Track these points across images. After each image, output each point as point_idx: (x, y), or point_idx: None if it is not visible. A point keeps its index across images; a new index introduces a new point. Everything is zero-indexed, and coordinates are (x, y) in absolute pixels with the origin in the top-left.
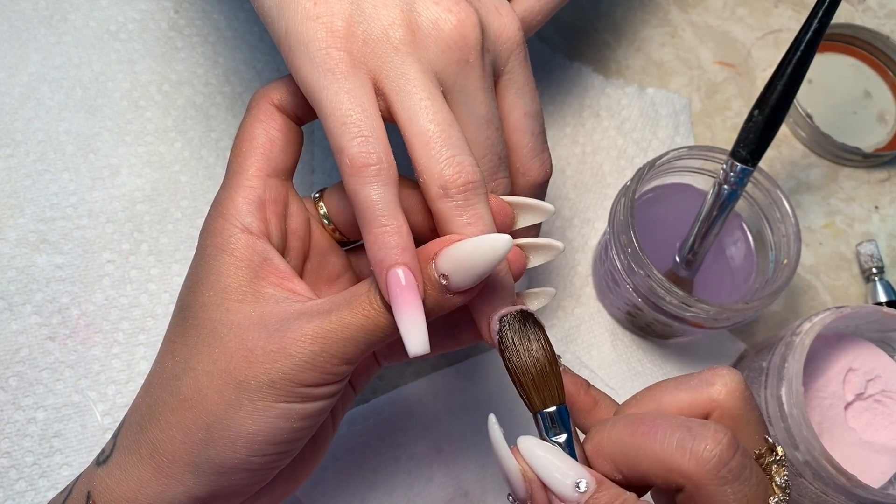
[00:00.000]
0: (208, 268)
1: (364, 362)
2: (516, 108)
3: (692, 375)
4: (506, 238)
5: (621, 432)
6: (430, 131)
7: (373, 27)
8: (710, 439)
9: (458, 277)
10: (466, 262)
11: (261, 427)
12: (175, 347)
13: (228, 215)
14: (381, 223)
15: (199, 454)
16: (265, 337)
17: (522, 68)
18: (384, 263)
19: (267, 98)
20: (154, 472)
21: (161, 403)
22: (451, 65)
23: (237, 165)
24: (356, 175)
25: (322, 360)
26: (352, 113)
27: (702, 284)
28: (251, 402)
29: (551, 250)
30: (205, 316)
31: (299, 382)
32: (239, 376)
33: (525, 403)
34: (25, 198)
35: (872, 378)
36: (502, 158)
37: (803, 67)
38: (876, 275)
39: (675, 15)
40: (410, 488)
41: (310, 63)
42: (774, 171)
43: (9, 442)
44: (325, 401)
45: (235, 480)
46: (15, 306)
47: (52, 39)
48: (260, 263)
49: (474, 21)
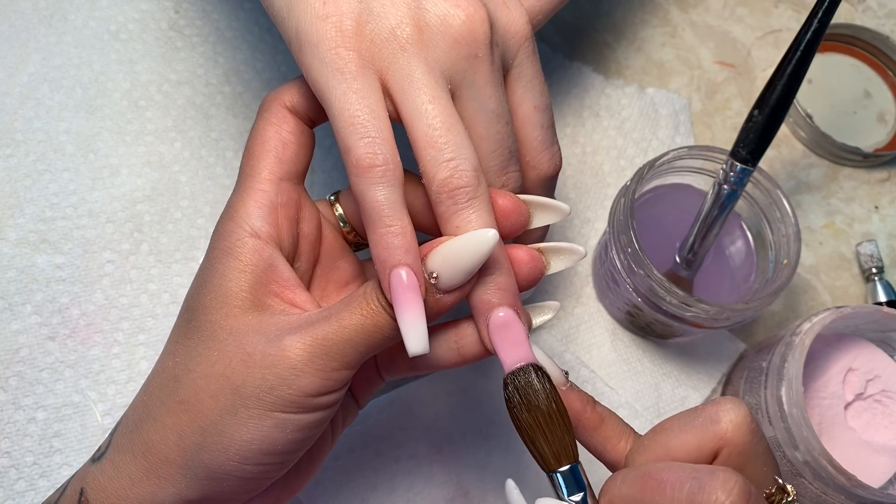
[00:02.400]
0: (213, 270)
1: (366, 375)
2: (525, 102)
3: (696, 412)
4: (491, 232)
5: (631, 490)
6: (430, 134)
7: (381, 26)
8: (720, 490)
9: (447, 275)
10: (453, 259)
11: (255, 435)
12: (177, 349)
13: (238, 218)
14: (385, 224)
15: (192, 458)
16: (264, 342)
17: (531, 62)
18: (388, 263)
19: (279, 100)
20: (146, 471)
21: (158, 404)
22: (461, 60)
23: (249, 168)
24: (362, 175)
25: (321, 363)
26: (359, 113)
27: (702, 284)
28: (246, 409)
29: (573, 255)
30: (206, 319)
31: (297, 389)
32: (236, 381)
33: (538, 462)
34: (25, 198)
35: (872, 378)
36: (513, 152)
37: (803, 67)
38: (876, 275)
39: (675, 15)
40: (410, 488)
41: (319, 63)
42: (774, 171)
43: (9, 442)
44: (322, 412)
45: (227, 486)
46: (15, 306)
47: (52, 39)
48: (265, 270)
49: (483, 16)
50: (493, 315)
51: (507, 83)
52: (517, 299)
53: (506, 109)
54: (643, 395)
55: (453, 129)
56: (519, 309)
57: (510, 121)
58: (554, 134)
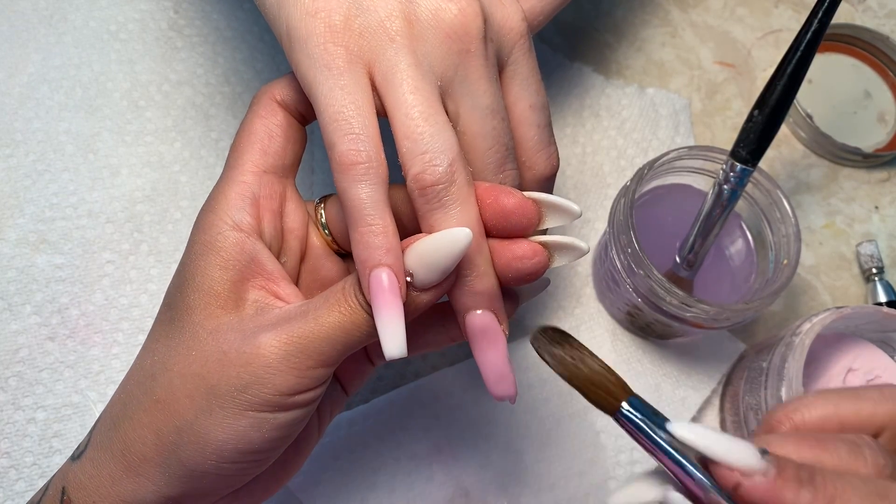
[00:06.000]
0: (194, 266)
1: (357, 362)
2: (521, 100)
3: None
4: (465, 231)
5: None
6: (407, 124)
7: (370, 19)
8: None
9: (422, 274)
10: (428, 258)
11: (230, 436)
12: (156, 346)
13: (219, 210)
14: (367, 222)
15: (170, 456)
16: (240, 339)
17: (527, 59)
18: (368, 263)
19: (269, 94)
20: (125, 469)
21: (135, 402)
22: (452, 55)
23: (233, 160)
24: (345, 172)
25: (297, 361)
26: (345, 109)
27: (702, 284)
28: (221, 409)
29: (575, 251)
30: (188, 318)
31: (272, 387)
32: (211, 381)
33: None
34: (25, 198)
35: (872, 378)
36: (510, 149)
37: (803, 67)
38: (876, 275)
39: (676, 15)
40: (410, 488)
41: (308, 59)
42: (774, 171)
43: (9, 442)
44: (299, 410)
45: (207, 483)
46: (15, 306)
47: (52, 39)
48: (247, 263)
49: (476, 10)
50: (469, 316)
51: (502, 81)
52: (495, 300)
53: (501, 105)
54: (643, 395)
55: (431, 119)
56: (497, 310)
57: (506, 117)
58: (551, 133)
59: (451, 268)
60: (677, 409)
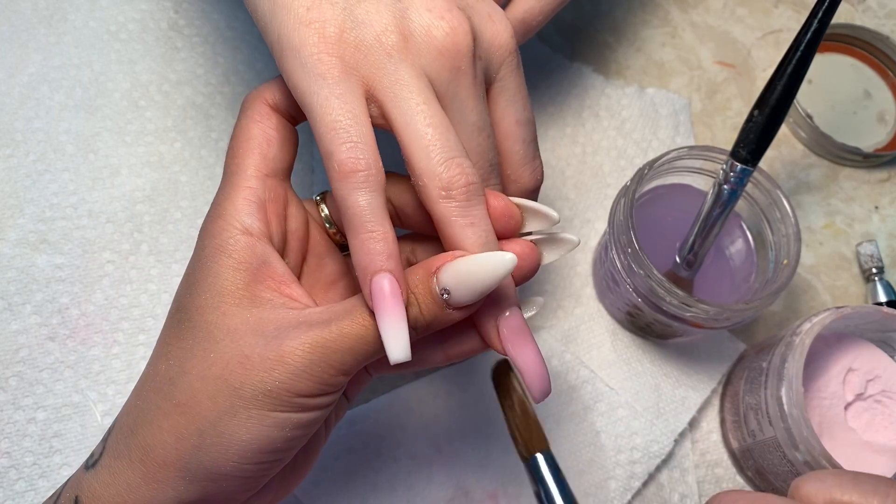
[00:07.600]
0: (206, 269)
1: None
2: (508, 116)
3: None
4: (510, 256)
5: None
6: (428, 135)
7: (365, 33)
8: None
9: (460, 293)
10: (470, 279)
11: (254, 435)
12: (170, 350)
13: (228, 216)
14: (367, 229)
15: (191, 460)
16: (262, 344)
17: (515, 76)
18: (369, 269)
19: (261, 98)
20: (144, 476)
21: (154, 407)
22: (444, 72)
23: (235, 166)
24: (344, 181)
25: (320, 371)
26: (341, 118)
27: (702, 284)
28: (245, 410)
29: (566, 245)
30: (201, 319)
31: (295, 392)
32: (234, 383)
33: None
34: (25, 198)
35: (872, 378)
36: (493, 165)
37: (803, 67)
38: (876, 275)
39: (676, 15)
40: (410, 488)
41: (301, 68)
42: (774, 171)
43: (9, 442)
44: (320, 411)
45: (226, 486)
46: (15, 306)
47: (52, 39)
48: (259, 266)
49: (466, 28)
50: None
51: (489, 96)
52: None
53: (487, 122)
54: (643, 395)
55: (450, 129)
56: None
57: (491, 134)
58: (536, 148)
59: (489, 290)
60: (677, 409)
